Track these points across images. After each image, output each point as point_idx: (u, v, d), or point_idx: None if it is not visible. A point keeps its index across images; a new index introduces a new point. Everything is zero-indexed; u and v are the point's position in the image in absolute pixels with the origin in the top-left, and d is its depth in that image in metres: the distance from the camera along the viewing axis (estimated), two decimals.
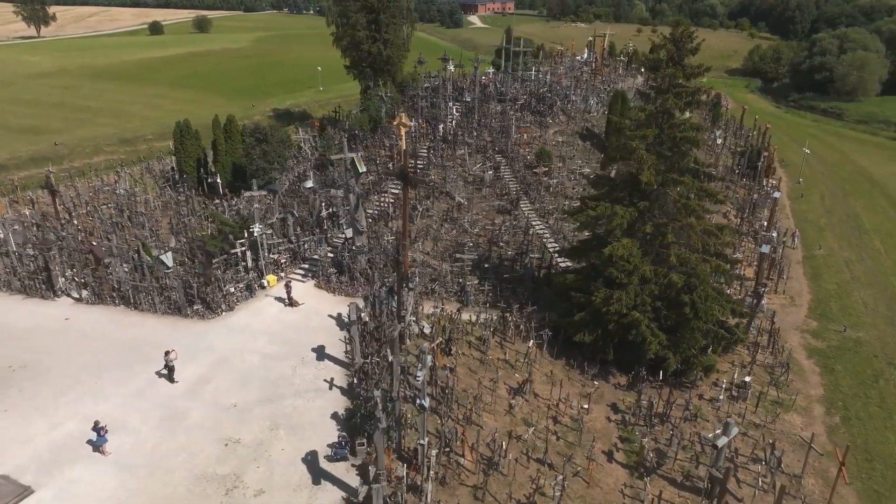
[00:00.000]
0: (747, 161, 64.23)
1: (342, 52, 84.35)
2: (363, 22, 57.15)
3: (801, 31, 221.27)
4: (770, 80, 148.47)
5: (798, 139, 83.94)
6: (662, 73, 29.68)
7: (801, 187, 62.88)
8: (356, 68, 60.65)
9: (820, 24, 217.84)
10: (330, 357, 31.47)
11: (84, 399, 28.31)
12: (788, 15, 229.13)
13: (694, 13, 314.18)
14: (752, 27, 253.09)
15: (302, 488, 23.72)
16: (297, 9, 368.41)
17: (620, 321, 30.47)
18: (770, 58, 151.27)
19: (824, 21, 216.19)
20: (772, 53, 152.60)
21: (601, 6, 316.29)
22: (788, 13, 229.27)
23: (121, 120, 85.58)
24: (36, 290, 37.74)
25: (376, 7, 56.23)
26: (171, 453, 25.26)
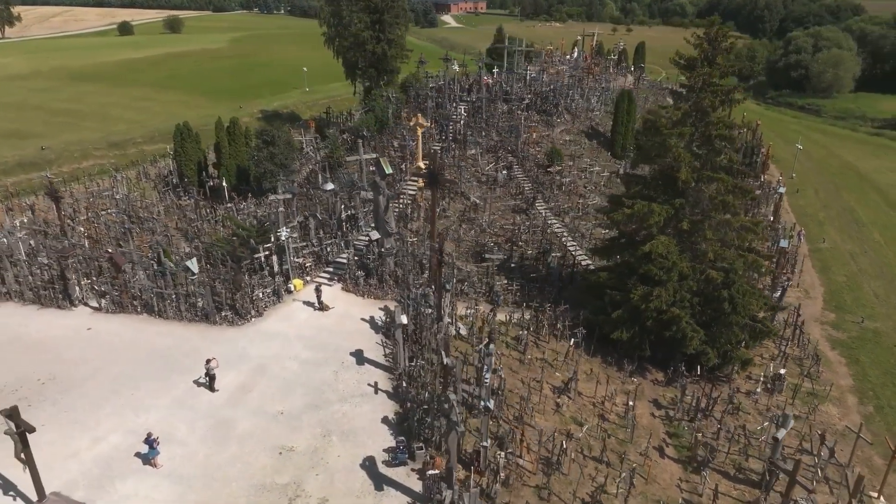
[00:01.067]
0: (742, 157, 65.58)
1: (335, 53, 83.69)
2: (367, 22, 56.68)
3: (770, 30, 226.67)
4: (745, 77, 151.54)
5: (783, 135, 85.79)
6: (698, 72, 30.07)
7: (796, 182, 64.28)
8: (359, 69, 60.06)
9: (788, 22, 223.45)
10: (370, 361, 31.16)
11: (124, 411, 27.57)
12: (757, 14, 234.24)
13: (663, 12, 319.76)
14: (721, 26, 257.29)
15: (365, 495, 23.44)
16: (267, 9, 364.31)
17: (659, 318, 30.77)
18: (745, 56, 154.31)
19: (792, 20, 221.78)
20: (746, 52, 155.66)
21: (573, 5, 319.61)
22: (757, 12, 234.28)
23: (106, 123, 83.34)
24: (51, 299, 36.60)
25: (380, 7, 55.84)
26: (225, 464, 24.74)
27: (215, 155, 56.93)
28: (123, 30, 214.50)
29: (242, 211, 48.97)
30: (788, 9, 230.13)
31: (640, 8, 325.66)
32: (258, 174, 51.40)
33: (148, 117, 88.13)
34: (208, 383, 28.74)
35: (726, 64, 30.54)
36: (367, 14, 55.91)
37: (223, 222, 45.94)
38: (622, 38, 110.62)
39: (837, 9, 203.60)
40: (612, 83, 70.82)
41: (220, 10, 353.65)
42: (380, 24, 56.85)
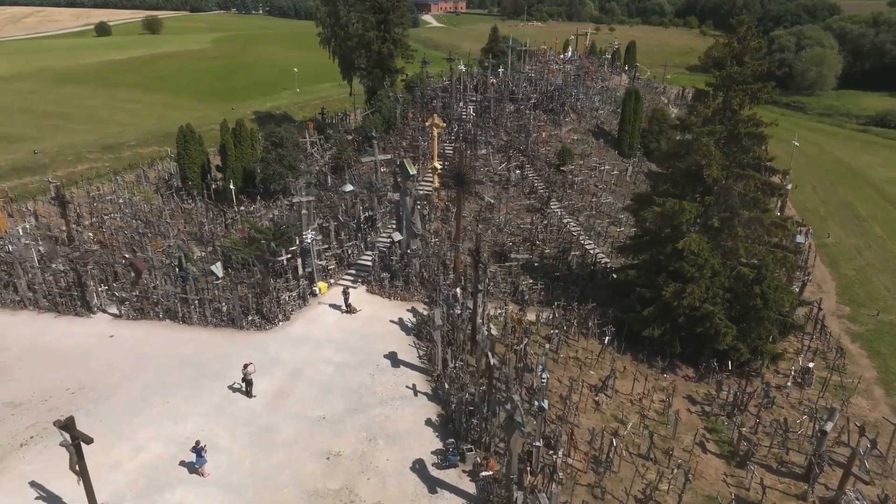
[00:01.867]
0: None
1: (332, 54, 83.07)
2: (372, 22, 56.31)
3: None
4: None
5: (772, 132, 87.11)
6: (728, 71, 30.40)
7: (793, 178, 65.30)
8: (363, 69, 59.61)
9: (766, 21, 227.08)
10: (405, 363, 30.98)
11: (161, 420, 27.05)
12: (736, 13, 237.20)
13: (641, 11, 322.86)
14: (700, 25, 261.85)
15: (419, 498, 23.29)
16: (245, 9, 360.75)
17: (691, 314, 31.04)
18: None
19: (770, 19, 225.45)
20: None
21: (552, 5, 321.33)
22: (736, 11, 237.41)
23: (97, 126, 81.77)
24: (69, 307, 35.78)
25: (385, 7, 55.51)
26: (274, 470, 24.40)
27: (220, 157, 56.04)
28: (101, 30, 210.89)
29: (253, 213, 48.36)
30: (766, 8, 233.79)
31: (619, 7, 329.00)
32: (267, 176, 50.78)
33: (138, 119, 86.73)
34: (245, 388, 28.34)
35: (754, 63, 30.86)
36: (373, 14, 55.59)
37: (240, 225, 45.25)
38: (616, 38, 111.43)
39: (814, 8, 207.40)
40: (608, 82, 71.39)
41: (197, 10, 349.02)
42: (385, 23, 56.53)
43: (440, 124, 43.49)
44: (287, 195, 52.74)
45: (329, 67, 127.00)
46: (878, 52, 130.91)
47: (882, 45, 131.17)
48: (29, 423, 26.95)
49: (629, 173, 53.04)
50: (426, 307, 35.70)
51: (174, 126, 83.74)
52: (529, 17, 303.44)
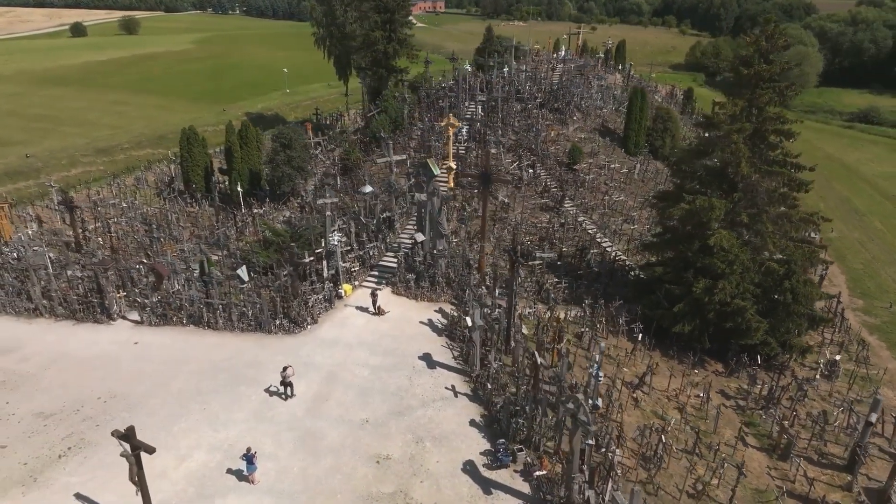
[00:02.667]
0: None
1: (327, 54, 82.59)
2: (378, 21, 55.99)
3: (726, 28, 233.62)
4: (712, 74, 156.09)
5: None
6: (756, 69, 30.80)
7: None
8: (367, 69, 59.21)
9: (744, 20, 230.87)
10: (441, 364, 30.85)
11: (200, 427, 26.59)
12: (714, 12, 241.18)
13: (619, 10, 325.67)
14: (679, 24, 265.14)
15: (475, 499, 23.19)
16: (221, 9, 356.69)
17: (722, 310, 31.40)
18: (711, 53, 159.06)
19: (747, 18, 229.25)
20: (712, 49, 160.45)
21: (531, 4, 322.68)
22: (713, 10, 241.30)
23: (87, 129, 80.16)
24: (87, 313, 35.00)
25: (390, 7, 55.21)
26: (324, 476, 24.11)
27: (225, 159, 55.28)
28: (76, 31, 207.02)
29: (265, 216, 47.78)
30: (742, 7, 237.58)
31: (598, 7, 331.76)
32: (276, 178, 50.21)
33: (129, 122, 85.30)
34: (285, 391, 28.03)
35: (781, 61, 31.30)
36: (378, 14, 55.29)
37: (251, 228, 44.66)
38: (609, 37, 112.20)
39: (790, 7, 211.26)
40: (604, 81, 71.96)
41: (173, 10, 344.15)
42: (390, 23, 56.26)
43: (456, 124, 43.38)
44: (296, 196, 52.35)
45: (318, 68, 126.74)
46: (857, 51, 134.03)
47: (860, 43, 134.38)
48: (64, 434, 26.31)
49: (637, 171, 53.49)
50: (454, 308, 35.63)
51: (167, 128, 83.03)
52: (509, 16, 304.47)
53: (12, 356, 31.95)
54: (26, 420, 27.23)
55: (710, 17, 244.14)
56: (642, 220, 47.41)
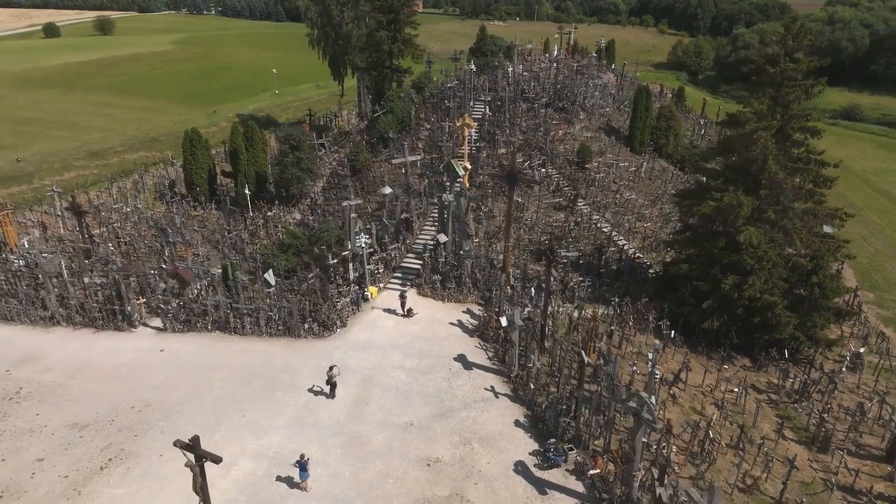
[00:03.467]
0: None
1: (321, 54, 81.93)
2: (383, 21, 55.61)
3: (704, 27, 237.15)
4: (693, 72, 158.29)
5: None
6: (782, 67, 31.25)
7: None
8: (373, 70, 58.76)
9: (720, 20, 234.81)
10: (477, 365, 30.77)
11: (242, 434, 26.15)
12: (691, 12, 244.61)
13: (596, 10, 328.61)
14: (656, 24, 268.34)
15: (532, 500, 23.16)
16: (196, 9, 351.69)
17: (751, 305, 31.80)
18: (692, 52, 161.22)
19: (724, 17, 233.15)
20: (693, 48, 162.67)
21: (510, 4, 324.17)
22: (691, 10, 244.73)
23: (77, 132, 78.35)
24: (108, 321, 34.19)
25: (395, 7, 54.86)
26: (377, 480, 23.87)
27: (229, 161, 54.49)
28: (49, 32, 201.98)
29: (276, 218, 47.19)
30: (719, 7, 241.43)
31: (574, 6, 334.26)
32: (285, 180, 49.60)
33: (119, 124, 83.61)
34: (330, 391, 28.01)
35: (807, 60, 31.79)
36: (383, 14, 54.90)
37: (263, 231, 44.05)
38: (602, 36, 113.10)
39: (766, 7, 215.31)
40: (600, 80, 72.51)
41: (146, 10, 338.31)
42: (395, 23, 55.92)
43: (472, 124, 43.32)
44: (304, 198, 51.85)
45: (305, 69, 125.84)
46: (835, 50, 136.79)
47: (839, 42, 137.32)
48: (102, 445, 25.67)
49: (643, 169, 53.97)
50: (481, 308, 35.58)
51: (159, 131, 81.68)
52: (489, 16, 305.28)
53: (35, 366, 31.09)
54: (60, 431, 26.52)
55: (688, 16, 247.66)
56: (653, 217, 47.88)
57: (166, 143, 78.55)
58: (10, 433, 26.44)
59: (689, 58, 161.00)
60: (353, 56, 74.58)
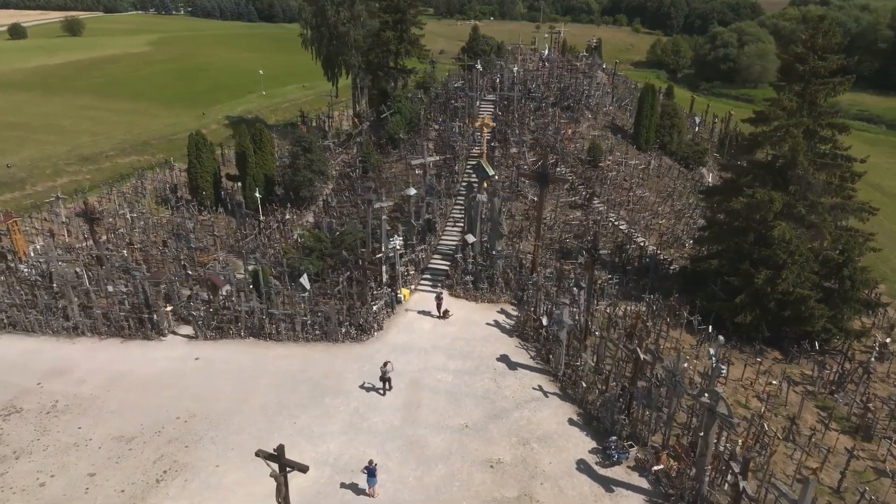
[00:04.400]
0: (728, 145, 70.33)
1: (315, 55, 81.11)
2: (389, 21, 55.17)
3: (677, 26, 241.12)
4: (672, 71, 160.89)
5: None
6: (812, 65, 31.91)
7: None
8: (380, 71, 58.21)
9: (693, 18, 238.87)
10: (521, 365, 30.80)
11: (297, 442, 25.71)
12: (664, 11, 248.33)
13: (568, 9, 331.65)
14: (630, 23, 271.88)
15: (600, 498, 23.26)
16: (165, 9, 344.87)
17: (783, 299, 32.43)
18: (671, 51, 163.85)
19: (696, 16, 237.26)
20: (671, 47, 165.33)
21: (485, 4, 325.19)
22: (664, 9, 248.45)
23: (65, 136, 76.17)
24: (136, 330, 33.33)
25: (402, 6, 54.43)
26: (442, 484, 23.73)
27: (237, 164, 53.61)
28: (15, 33, 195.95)
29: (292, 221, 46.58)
30: (691, 6, 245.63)
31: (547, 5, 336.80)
32: (297, 182, 48.98)
33: (107, 128, 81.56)
34: (384, 387, 28.29)
35: (835, 58, 32.50)
36: (389, 14, 54.46)
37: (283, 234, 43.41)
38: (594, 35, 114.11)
39: (737, 6, 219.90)
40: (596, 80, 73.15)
41: (112, 10, 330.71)
42: (402, 23, 55.52)
43: (490, 124, 43.33)
44: (314, 201, 51.31)
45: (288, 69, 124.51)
46: None
47: None
48: (154, 458, 25.02)
49: (651, 167, 54.62)
50: (514, 308, 35.63)
51: (149, 134, 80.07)
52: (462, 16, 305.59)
53: (67, 379, 30.15)
54: (107, 445, 25.76)
55: (661, 15, 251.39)
56: (665, 214, 48.52)
57: (157, 147, 76.99)
58: (55, 448, 25.62)
59: (667, 56, 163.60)
60: (349, 56, 73.93)
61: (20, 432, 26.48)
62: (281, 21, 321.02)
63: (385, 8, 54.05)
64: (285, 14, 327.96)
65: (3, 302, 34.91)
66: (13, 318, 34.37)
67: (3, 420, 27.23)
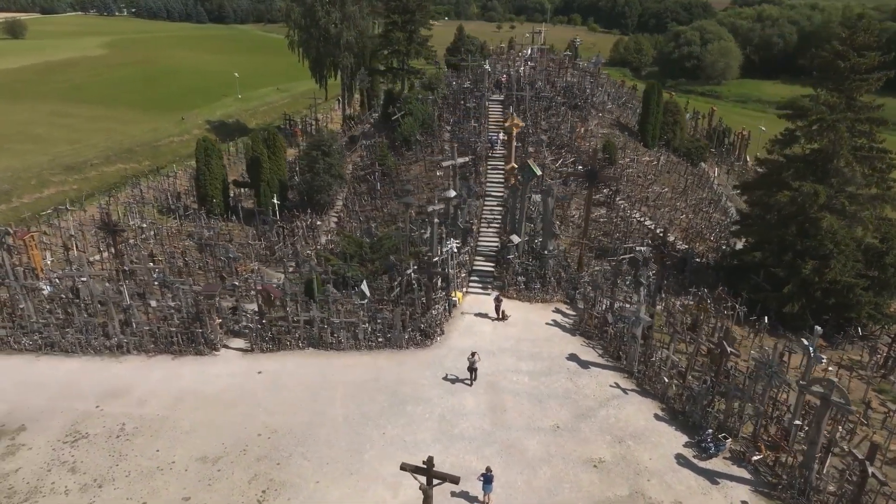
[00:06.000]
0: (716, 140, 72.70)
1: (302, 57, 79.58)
2: (398, 22, 54.44)
3: (632, 25, 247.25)
4: (636, 68, 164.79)
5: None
6: (853, 62, 33.18)
7: None
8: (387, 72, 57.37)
9: (647, 17, 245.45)
10: (591, 363, 31.00)
11: (392, 452, 25.18)
12: (618, 10, 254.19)
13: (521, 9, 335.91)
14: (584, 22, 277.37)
15: (709, 490, 23.61)
16: (107, 10, 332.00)
17: (830, 288, 33.66)
18: (633, 49, 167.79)
19: (650, 15, 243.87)
20: (634, 45, 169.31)
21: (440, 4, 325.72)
22: (618, 9, 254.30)
23: (42, 145, 72.45)
24: (186, 346, 31.99)
25: (411, 7, 53.78)
26: (552, 487, 23.64)
27: (249, 170, 52.09)
28: None
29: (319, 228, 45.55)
30: (644, 5, 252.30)
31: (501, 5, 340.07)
32: (316, 187, 47.92)
33: (84, 135, 78.03)
34: (471, 377, 28.69)
35: (874, 56, 33.85)
36: (399, 15, 53.76)
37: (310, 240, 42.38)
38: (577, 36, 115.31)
39: (690, 5, 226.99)
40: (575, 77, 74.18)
41: (50, 11, 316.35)
42: (411, 23, 54.89)
43: (520, 124, 43.41)
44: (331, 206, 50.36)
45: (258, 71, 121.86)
46: (767, 45, 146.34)
47: (769, 38, 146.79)
48: (248, 478, 24.04)
49: (660, 163, 55.78)
50: (567, 306, 35.84)
51: (131, 141, 77.18)
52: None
53: (126, 400, 28.66)
54: (193, 467, 24.62)
55: (616, 14, 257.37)
56: (683, 209, 49.64)
57: (142, 154, 74.26)
58: (138, 473, 24.33)
59: (630, 55, 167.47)
60: (341, 58, 72.83)
61: (94, 459, 25.04)
62: (232, 22, 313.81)
63: (394, 8, 53.41)
64: (237, 15, 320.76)
65: (36, 322, 32.96)
66: (49, 339, 32.50)
67: (71, 447, 25.69)
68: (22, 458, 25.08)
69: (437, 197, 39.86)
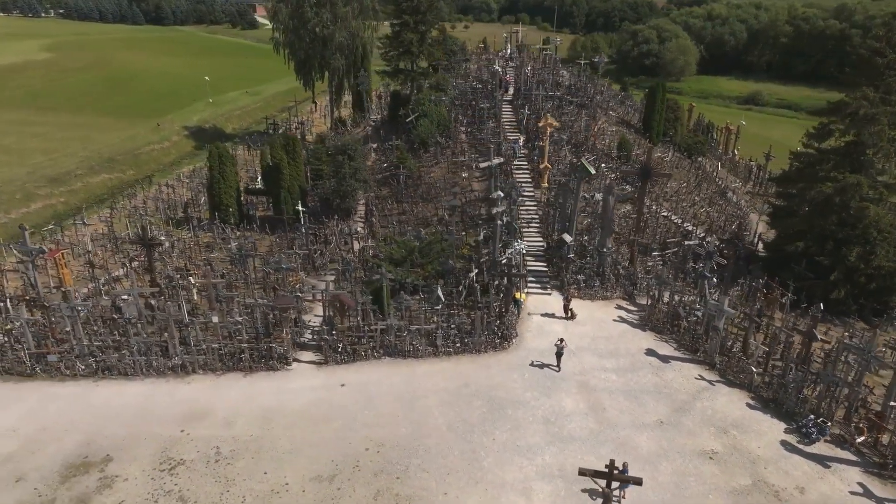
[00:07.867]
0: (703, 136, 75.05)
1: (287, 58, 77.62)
2: (411, 23, 53.62)
3: (580, 25, 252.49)
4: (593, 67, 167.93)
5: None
6: (889, 58, 34.92)
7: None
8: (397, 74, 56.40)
9: (594, 17, 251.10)
10: (670, 357, 31.57)
11: (510, 457, 25.05)
12: (566, 10, 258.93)
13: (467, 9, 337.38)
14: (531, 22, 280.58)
15: (825, 474, 24.35)
16: (32, 10, 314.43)
17: (875, 274, 35.39)
18: (590, 48, 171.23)
19: (598, 15, 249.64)
20: (590, 44, 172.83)
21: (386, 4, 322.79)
22: (566, 8, 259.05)
23: (16, 157, 67.97)
24: (257, 362, 30.77)
25: (423, 7, 53.05)
26: (678, 480, 23.94)
27: (264, 177, 50.45)
28: None
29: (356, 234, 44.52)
30: (591, 4, 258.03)
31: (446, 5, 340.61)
32: (342, 192, 46.84)
33: (59, 145, 73.72)
34: (558, 363, 29.60)
35: None
36: (411, 15, 53.00)
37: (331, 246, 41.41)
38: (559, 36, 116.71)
39: (636, 4, 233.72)
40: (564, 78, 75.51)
41: None
42: (424, 24, 54.21)
43: (554, 124, 43.70)
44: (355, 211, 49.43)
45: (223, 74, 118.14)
46: (719, 42, 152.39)
47: (721, 36, 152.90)
48: (370, 494, 23.35)
49: (669, 158, 57.27)
50: (628, 303, 36.35)
51: (111, 150, 73.71)
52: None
53: (210, 421, 27.29)
54: (310, 488, 23.69)
55: (563, 14, 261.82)
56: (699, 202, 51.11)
57: (124, 163, 70.86)
58: (253, 498, 23.22)
59: (587, 53, 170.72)
60: (332, 59, 71.35)
61: (200, 486, 23.75)
62: (171, 23, 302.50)
63: (405, 9, 52.74)
64: (176, 16, 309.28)
65: (89, 345, 30.98)
66: (106, 363, 30.60)
67: (170, 475, 24.29)
68: (121, 490, 23.56)
69: (481, 198, 39.65)
